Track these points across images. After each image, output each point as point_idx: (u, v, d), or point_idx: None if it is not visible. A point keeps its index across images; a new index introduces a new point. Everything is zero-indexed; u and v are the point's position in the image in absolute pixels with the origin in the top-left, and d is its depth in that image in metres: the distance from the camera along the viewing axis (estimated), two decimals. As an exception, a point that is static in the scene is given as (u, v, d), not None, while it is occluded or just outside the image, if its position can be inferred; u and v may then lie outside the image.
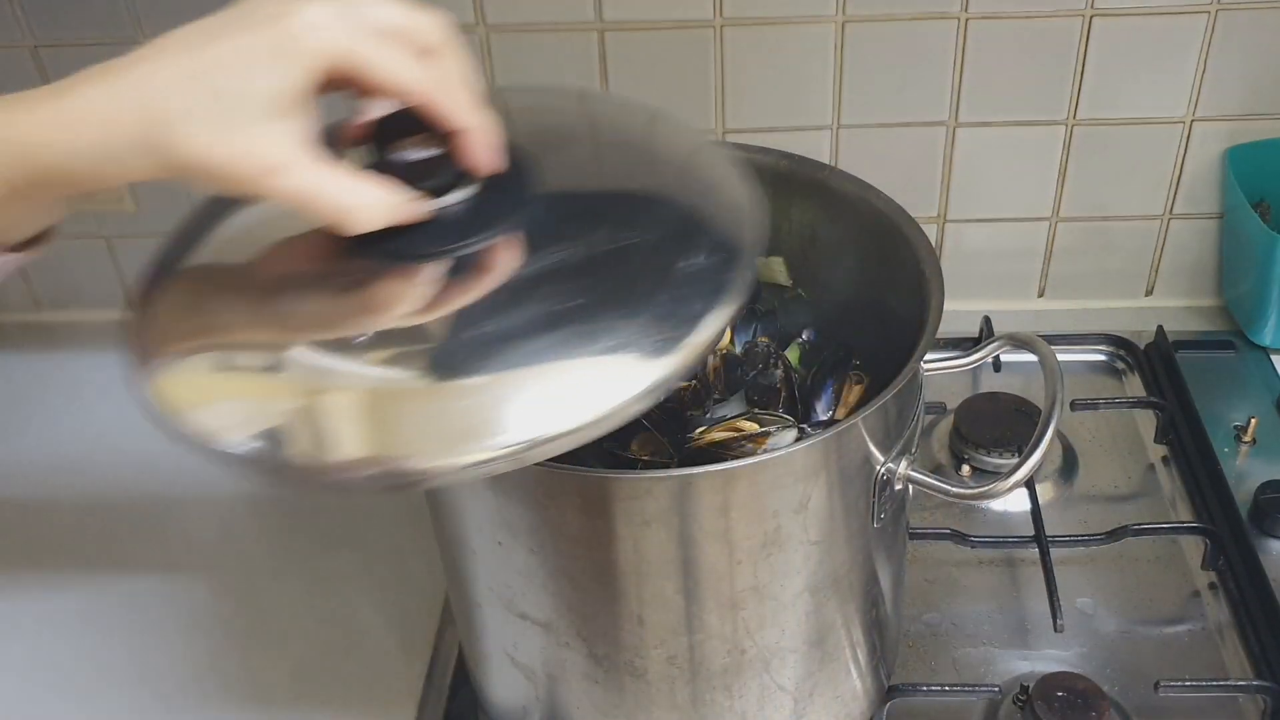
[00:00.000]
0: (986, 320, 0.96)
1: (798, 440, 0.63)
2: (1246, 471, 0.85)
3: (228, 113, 0.44)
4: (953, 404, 0.90)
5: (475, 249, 0.49)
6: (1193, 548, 0.81)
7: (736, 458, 0.58)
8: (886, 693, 0.70)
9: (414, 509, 0.87)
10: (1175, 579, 0.79)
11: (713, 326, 0.47)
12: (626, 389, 0.45)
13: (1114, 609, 0.77)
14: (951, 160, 0.96)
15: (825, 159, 0.96)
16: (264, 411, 0.47)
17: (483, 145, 0.49)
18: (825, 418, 0.68)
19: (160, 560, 0.84)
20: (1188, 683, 0.71)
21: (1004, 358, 0.92)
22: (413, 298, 0.49)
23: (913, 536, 0.78)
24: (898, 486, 0.58)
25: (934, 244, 0.99)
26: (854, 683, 0.65)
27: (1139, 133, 0.93)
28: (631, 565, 0.55)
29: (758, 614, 0.57)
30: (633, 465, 0.64)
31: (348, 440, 0.45)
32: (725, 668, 0.59)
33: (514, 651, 0.62)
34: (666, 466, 0.63)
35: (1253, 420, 0.87)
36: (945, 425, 0.89)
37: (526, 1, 0.90)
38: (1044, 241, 1.00)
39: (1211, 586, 0.79)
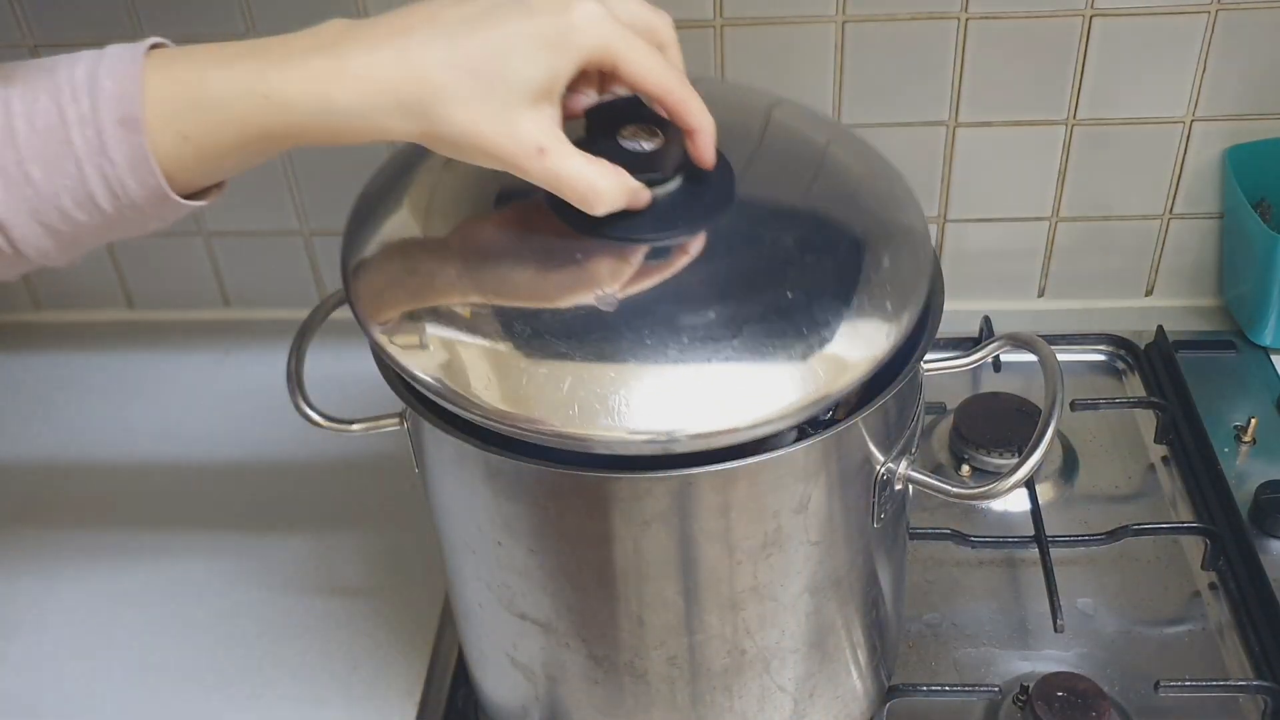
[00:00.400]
0: (986, 320, 0.96)
1: (798, 440, 0.63)
2: (1247, 471, 0.85)
3: (502, 94, 0.47)
4: (953, 404, 0.90)
5: (680, 239, 0.53)
6: (1193, 548, 0.81)
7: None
8: (887, 693, 0.70)
9: (414, 509, 0.87)
10: (1175, 579, 0.79)
11: (887, 338, 0.52)
12: (785, 399, 0.49)
13: (1114, 609, 0.77)
14: (951, 160, 0.96)
15: (825, 159, 0.96)
16: (462, 362, 0.51)
17: (709, 144, 0.53)
18: (825, 418, 0.68)
19: (159, 559, 0.84)
20: (1188, 683, 0.71)
21: (1004, 358, 0.92)
22: (615, 278, 0.52)
23: (913, 536, 0.78)
24: (898, 486, 0.58)
25: (934, 244, 0.99)
26: (854, 683, 0.65)
27: (1139, 133, 0.93)
28: (631, 565, 0.55)
29: (758, 614, 0.57)
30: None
31: (505, 391, 0.50)
32: (725, 668, 0.59)
33: (514, 651, 0.62)
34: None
35: (1253, 420, 0.87)
36: (945, 425, 0.89)
37: (526, 1, 0.90)
38: (1044, 241, 1.00)
39: (1212, 586, 0.78)
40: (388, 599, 0.80)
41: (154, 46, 0.49)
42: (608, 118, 0.53)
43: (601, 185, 0.50)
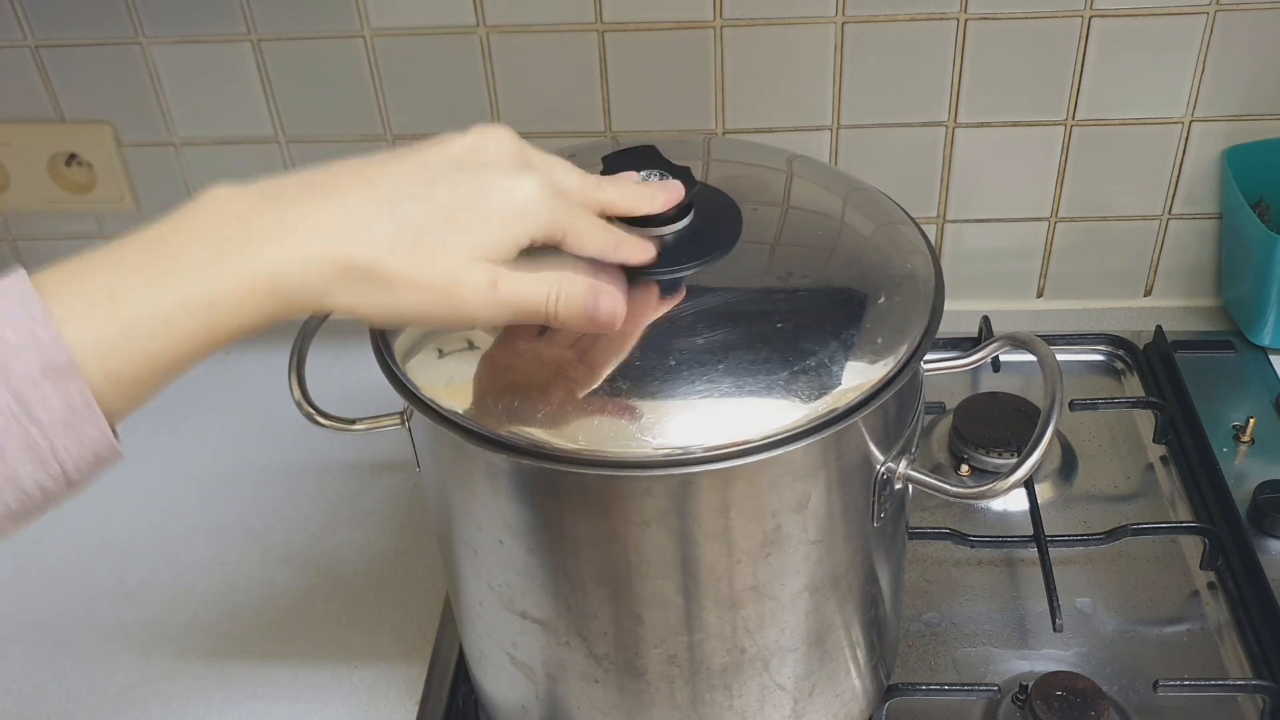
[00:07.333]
0: (986, 320, 0.96)
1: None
2: (1245, 471, 0.85)
3: (445, 260, 0.46)
4: (952, 404, 0.90)
5: (678, 275, 0.55)
6: (1192, 547, 0.81)
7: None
8: (886, 692, 0.70)
9: (414, 509, 0.87)
10: (1174, 579, 0.79)
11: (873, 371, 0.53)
12: (788, 417, 0.51)
13: (1113, 609, 0.77)
14: (951, 160, 0.96)
15: (825, 159, 0.96)
16: (485, 395, 0.53)
17: (641, 258, 0.53)
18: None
19: (159, 557, 0.84)
20: (1186, 682, 0.71)
21: (1003, 358, 0.92)
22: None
23: (912, 536, 0.78)
24: (897, 486, 0.58)
25: (934, 244, 0.99)
26: (853, 682, 0.65)
27: (1138, 133, 0.94)
28: (631, 564, 0.55)
29: (757, 613, 0.57)
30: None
31: (529, 417, 0.51)
32: (725, 667, 0.59)
33: (514, 651, 0.62)
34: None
35: (1251, 420, 0.87)
36: (945, 425, 0.89)
37: (526, 1, 0.90)
38: (1043, 241, 1.00)
39: (1210, 586, 0.79)
40: (388, 598, 0.80)
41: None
42: (622, 164, 0.57)
43: (566, 287, 0.48)
